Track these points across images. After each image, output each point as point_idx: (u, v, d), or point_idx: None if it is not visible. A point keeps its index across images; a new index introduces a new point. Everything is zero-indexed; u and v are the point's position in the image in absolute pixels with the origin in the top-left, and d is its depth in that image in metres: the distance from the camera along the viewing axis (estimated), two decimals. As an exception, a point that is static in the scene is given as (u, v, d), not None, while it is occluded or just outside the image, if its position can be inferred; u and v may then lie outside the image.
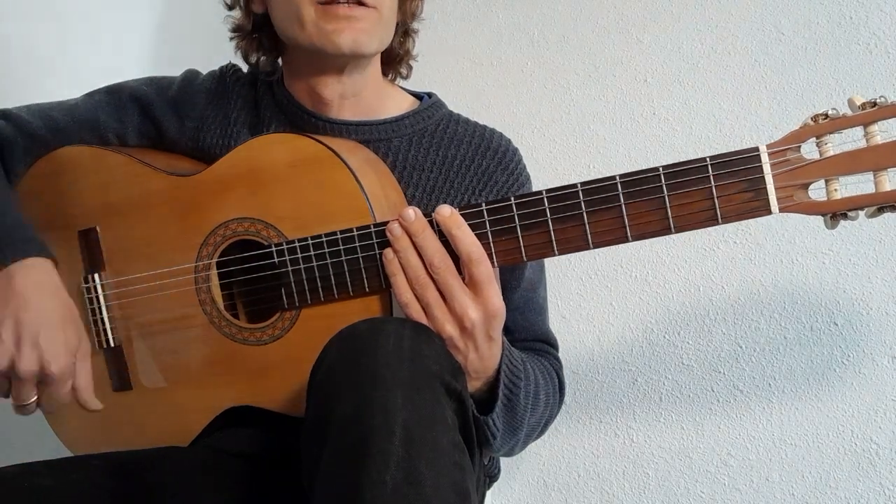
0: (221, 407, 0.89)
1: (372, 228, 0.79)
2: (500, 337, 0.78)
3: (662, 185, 0.72)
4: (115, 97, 0.99)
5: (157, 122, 0.98)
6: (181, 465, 0.87)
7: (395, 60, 1.01)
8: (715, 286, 1.30)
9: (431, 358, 0.69)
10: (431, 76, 1.46)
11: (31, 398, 0.84)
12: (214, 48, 1.06)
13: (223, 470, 0.88)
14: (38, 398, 0.85)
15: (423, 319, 0.76)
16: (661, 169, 0.72)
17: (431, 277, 0.76)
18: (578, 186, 0.74)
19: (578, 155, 1.41)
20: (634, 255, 1.34)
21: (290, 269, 0.83)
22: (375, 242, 0.79)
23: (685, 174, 0.72)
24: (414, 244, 0.76)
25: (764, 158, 0.70)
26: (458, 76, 1.49)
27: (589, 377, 1.38)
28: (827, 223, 0.71)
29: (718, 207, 0.71)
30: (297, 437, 0.71)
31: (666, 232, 0.73)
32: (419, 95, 1.01)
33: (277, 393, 0.86)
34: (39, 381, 0.84)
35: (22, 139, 0.95)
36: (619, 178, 0.73)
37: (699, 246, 1.31)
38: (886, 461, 1.19)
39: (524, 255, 0.77)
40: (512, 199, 0.76)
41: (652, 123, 1.35)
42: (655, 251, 1.33)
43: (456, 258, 0.76)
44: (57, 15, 1.30)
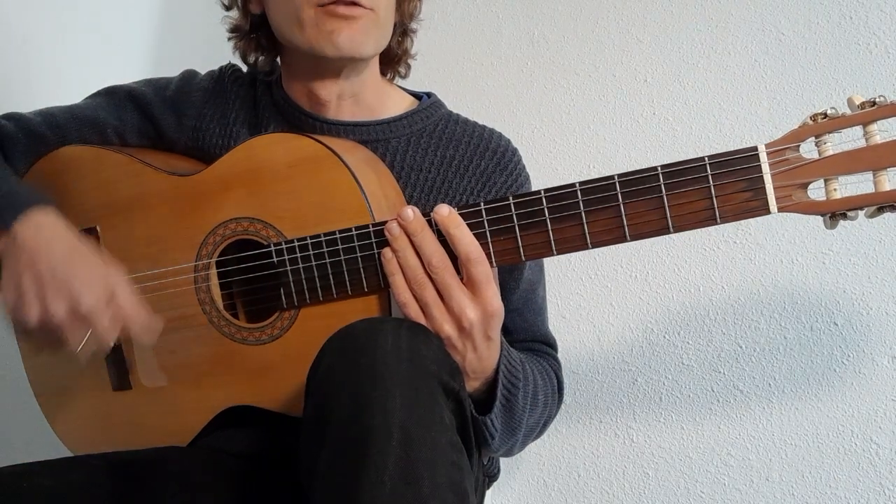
0: (221, 407, 0.89)
1: (371, 228, 0.79)
2: (498, 337, 0.78)
3: (661, 184, 0.72)
4: (113, 97, 0.99)
5: (155, 121, 0.98)
6: (181, 465, 0.87)
7: (393, 60, 1.01)
8: (715, 286, 1.30)
9: (429, 358, 0.68)
10: (431, 76, 1.46)
11: (83, 337, 0.79)
12: (214, 48, 1.06)
13: (222, 470, 0.88)
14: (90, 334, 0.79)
15: (421, 319, 0.76)
16: (659, 168, 0.72)
17: (430, 277, 0.75)
18: (577, 186, 0.74)
19: (578, 155, 1.41)
20: (634, 255, 1.34)
21: (289, 268, 0.83)
22: (374, 242, 0.79)
23: (683, 174, 0.71)
24: (412, 244, 0.76)
25: (763, 158, 0.69)
26: (458, 76, 1.49)
27: (589, 377, 1.38)
28: (826, 223, 0.70)
29: (717, 207, 0.71)
30: (296, 436, 0.71)
31: (664, 232, 0.73)
32: (418, 95, 1.01)
33: (276, 393, 0.86)
34: (79, 321, 0.79)
35: (23, 135, 0.95)
36: (617, 177, 0.73)
37: (699, 246, 1.31)
38: (886, 461, 1.19)
39: (522, 254, 0.76)
40: (510, 198, 0.76)
41: (652, 123, 1.35)
42: (655, 251, 1.33)
43: (454, 258, 0.75)
44: (57, 15, 1.30)
